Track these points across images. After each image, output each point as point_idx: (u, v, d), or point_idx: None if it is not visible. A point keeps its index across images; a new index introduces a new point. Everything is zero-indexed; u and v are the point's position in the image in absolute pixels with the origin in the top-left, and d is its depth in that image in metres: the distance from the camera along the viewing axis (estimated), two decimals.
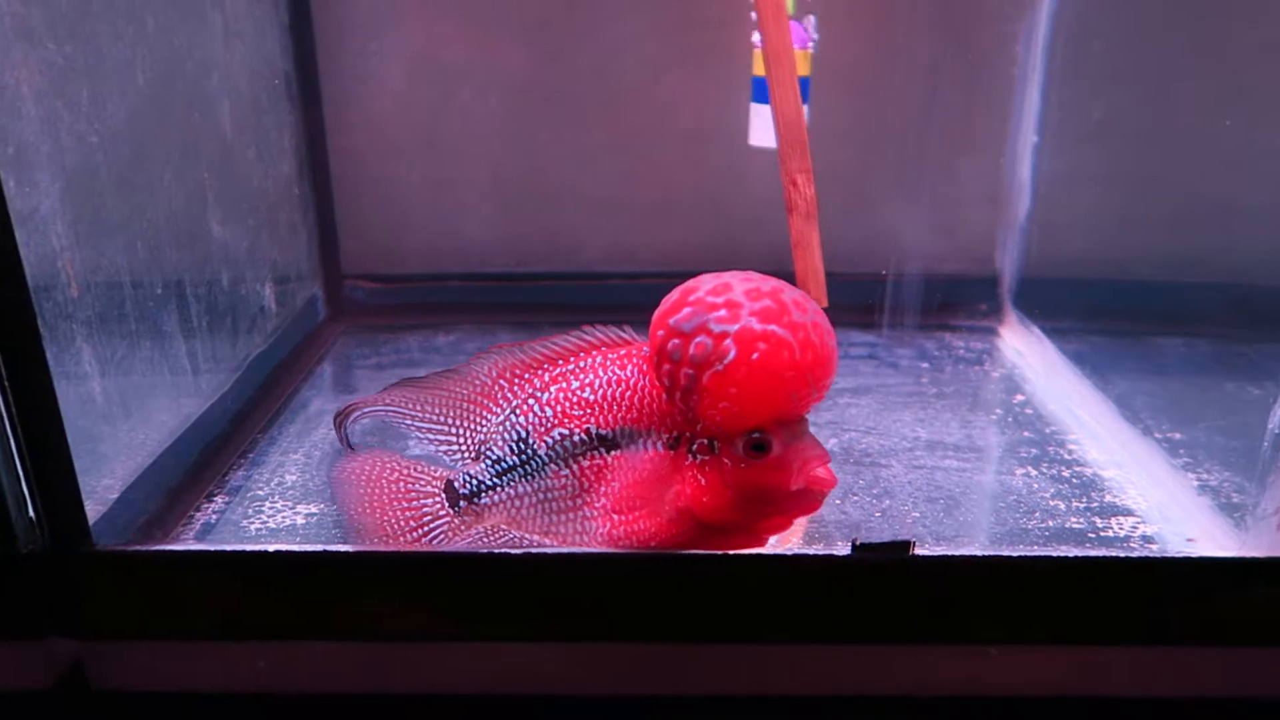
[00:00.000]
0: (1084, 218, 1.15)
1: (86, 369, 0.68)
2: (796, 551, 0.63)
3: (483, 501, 0.64)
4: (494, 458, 0.63)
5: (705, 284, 0.57)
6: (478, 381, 0.64)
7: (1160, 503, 0.82)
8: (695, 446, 0.59)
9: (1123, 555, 0.66)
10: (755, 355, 0.54)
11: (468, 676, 0.67)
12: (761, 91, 1.03)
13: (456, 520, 0.66)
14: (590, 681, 0.67)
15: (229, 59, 0.94)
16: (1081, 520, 0.79)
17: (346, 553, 0.63)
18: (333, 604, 0.64)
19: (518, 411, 0.62)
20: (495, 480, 0.63)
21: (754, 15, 0.85)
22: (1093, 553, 0.65)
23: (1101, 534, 0.77)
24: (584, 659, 0.66)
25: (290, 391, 1.04)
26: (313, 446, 0.92)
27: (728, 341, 0.54)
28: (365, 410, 0.66)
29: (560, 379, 0.62)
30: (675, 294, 0.58)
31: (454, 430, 0.65)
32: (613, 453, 0.60)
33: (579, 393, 0.61)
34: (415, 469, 0.67)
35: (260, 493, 0.83)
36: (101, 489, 0.71)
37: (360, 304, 1.25)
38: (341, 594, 0.64)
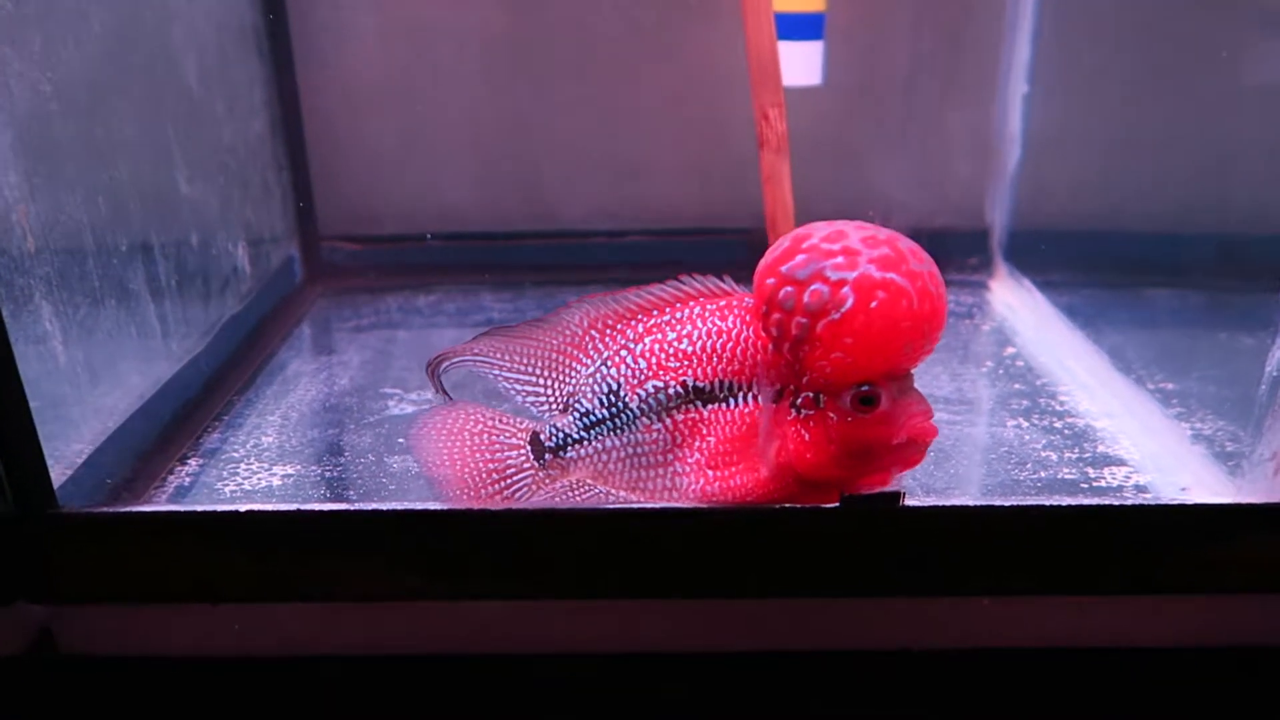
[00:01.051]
0: (1075, 169, 1.13)
1: (47, 328, 0.65)
2: (783, 505, 0.62)
3: (569, 455, 0.62)
4: (582, 410, 0.61)
5: (819, 230, 0.55)
6: (568, 331, 0.62)
7: (1153, 452, 0.80)
8: (799, 400, 0.57)
9: (1116, 504, 0.64)
10: (873, 304, 0.52)
11: (450, 637, 0.66)
12: (787, 28, 0.99)
13: (540, 474, 0.63)
14: (570, 641, 0.66)
15: (192, 10, 0.91)
16: (1074, 471, 0.78)
17: (321, 511, 0.61)
18: (308, 564, 0.62)
19: (609, 363, 0.60)
20: (583, 434, 0.61)
21: None
22: (1085, 502, 0.64)
23: (1094, 484, 0.76)
24: (563, 615, 0.65)
25: (267, 354, 1.01)
26: (290, 408, 0.90)
27: (845, 289, 0.52)
28: (454, 360, 0.64)
29: (655, 330, 0.60)
30: (786, 241, 0.55)
31: (542, 381, 0.63)
32: (709, 406, 0.59)
33: (675, 344, 0.59)
34: (500, 420, 0.64)
35: (236, 455, 0.81)
36: (68, 452, 0.69)
37: (339, 266, 1.23)
38: (317, 554, 0.62)
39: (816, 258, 0.53)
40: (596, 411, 0.61)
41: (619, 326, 0.61)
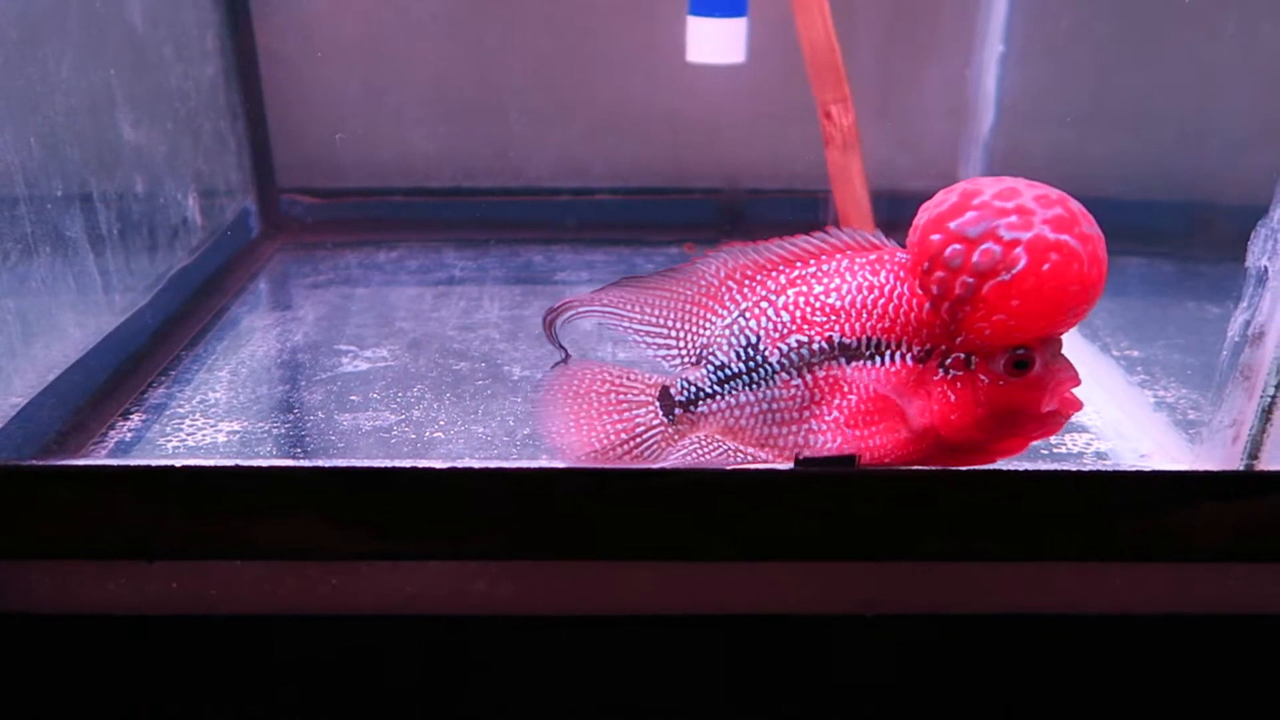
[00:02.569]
0: (1049, 133, 1.11)
1: None
2: (736, 467, 0.61)
3: (699, 410, 0.60)
4: (717, 364, 0.59)
5: (989, 187, 0.53)
6: (703, 282, 0.60)
7: (1115, 420, 0.80)
8: (949, 361, 0.56)
9: (1073, 470, 0.64)
10: (1046, 266, 0.51)
11: (392, 596, 0.64)
12: (699, 4, 0.97)
13: (670, 430, 0.61)
14: (510, 603, 0.64)
15: None
16: None
17: (257, 467, 0.59)
18: (246, 521, 0.60)
19: (748, 315, 0.58)
20: (716, 388, 0.59)
21: None
22: (1042, 468, 0.63)
23: (1055, 450, 0.75)
24: (509, 577, 0.64)
25: (219, 308, 0.99)
26: (240, 364, 0.87)
27: (1019, 250, 0.51)
28: (579, 310, 0.61)
29: (800, 282, 0.58)
30: (954, 196, 0.53)
31: (674, 333, 0.60)
32: (853, 364, 0.57)
33: (822, 298, 0.57)
34: (627, 377, 0.61)
35: (181, 410, 0.79)
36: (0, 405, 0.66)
37: (299, 219, 1.20)
38: (255, 511, 0.60)
39: (989, 215, 0.52)
40: (732, 365, 0.59)
41: (759, 278, 0.59)
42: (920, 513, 0.62)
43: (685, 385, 0.60)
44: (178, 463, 0.59)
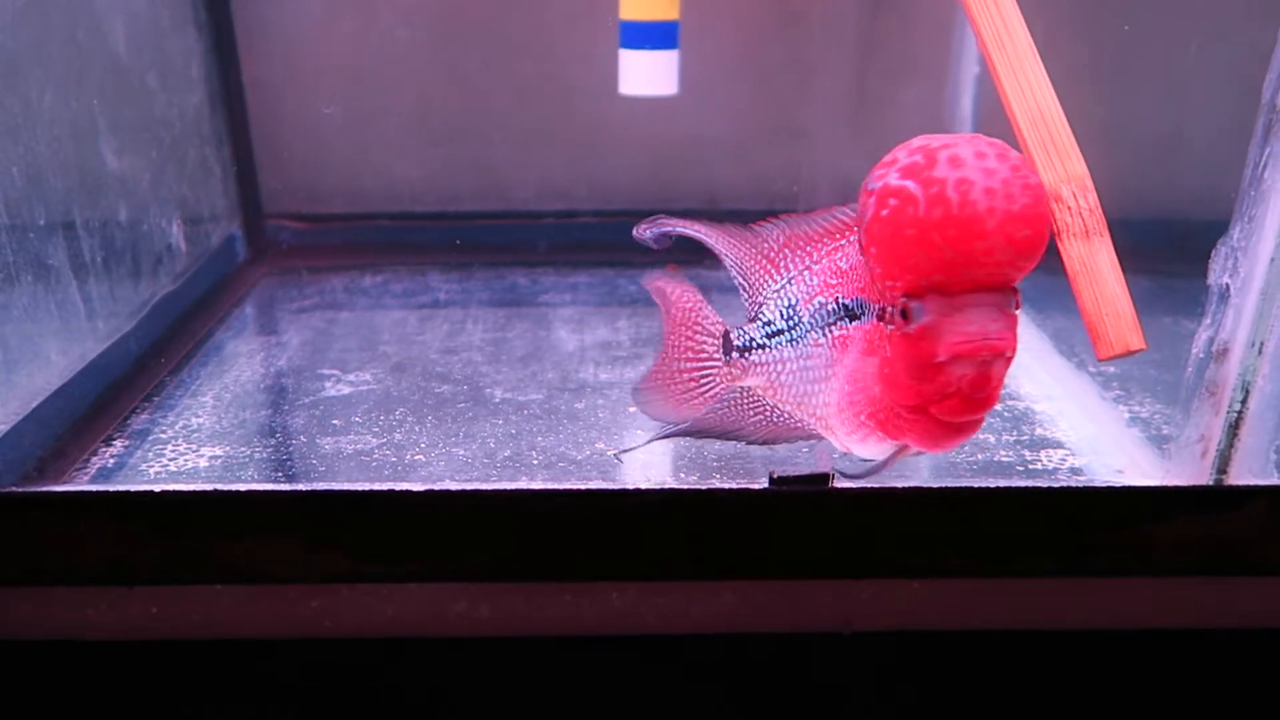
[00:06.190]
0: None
1: None
2: (712, 485, 0.61)
3: (751, 359, 0.67)
4: (766, 320, 0.66)
5: (908, 144, 0.54)
6: (766, 245, 0.66)
7: (1091, 435, 0.80)
8: (875, 315, 0.58)
9: (1045, 486, 0.65)
10: (885, 212, 0.52)
11: (372, 618, 0.65)
12: (631, 37, 0.99)
13: (725, 370, 0.68)
14: (489, 625, 0.65)
15: None
16: (1010, 454, 0.77)
17: (235, 491, 0.60)
18: (225, 545, 0.61)
19: (793, 281, 0.65)
20: (765, 340, 0.66)
21: None
22: (1013, 484, 0.64)
23: (1030, 467, 0.76)
24: (486, 599, 0.64)
25: (204, 334, 0.99)
26: (223, 389, 0.88)
27: (871, 199, 0.53)
28: (678, 229, 0.68)
29: (834, 252, 0.63)
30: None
31: (739, 284, 0.67)
32: (854, 324, 0.60)
33: (839, 263, 0.62)
34: (707, 306, 0.70)
35: (164, 436, 0.79)
36: None
37: (285, 245, 1.20)
38: (234, 534, 0.61)
39: (874, 170, 0.54)
40: (777, 323, 0.65)
41: (807, 248, 0.64)
42: (896, 529, 0.62)
43: (742, 333, 0.67)
44: (156, 488, 0.60)
